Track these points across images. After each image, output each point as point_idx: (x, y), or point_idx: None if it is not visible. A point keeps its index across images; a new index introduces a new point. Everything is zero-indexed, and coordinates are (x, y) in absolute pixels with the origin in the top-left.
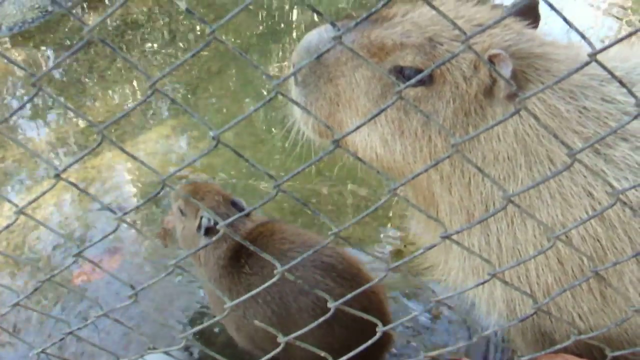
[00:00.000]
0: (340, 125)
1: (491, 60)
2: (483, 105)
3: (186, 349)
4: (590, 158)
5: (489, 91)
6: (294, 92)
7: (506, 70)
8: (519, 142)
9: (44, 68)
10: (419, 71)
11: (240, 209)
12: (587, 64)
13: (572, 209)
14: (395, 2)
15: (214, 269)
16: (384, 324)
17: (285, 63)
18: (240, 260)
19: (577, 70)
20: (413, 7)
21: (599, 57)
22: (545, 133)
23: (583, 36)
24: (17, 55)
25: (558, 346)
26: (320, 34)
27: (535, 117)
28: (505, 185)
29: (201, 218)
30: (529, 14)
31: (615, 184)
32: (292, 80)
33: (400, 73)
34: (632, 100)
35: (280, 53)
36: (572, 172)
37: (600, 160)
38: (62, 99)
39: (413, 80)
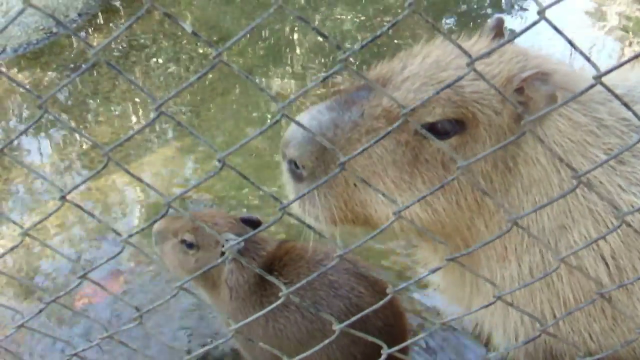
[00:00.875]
0: (364, 205)
1: (527, 83)
2: (516, 133)
3: None
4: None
5: (518, 118)
6: (295, 190)
7: (546, 87)
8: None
9: (49, 89)
10: (451, 121)
11: (253, 223)
12: (592, 86)
13: (599, 225)
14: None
15: (243, 289)
16: (404, 339)
17: (289, 82)
18: (272, 273)
19: (584, 91)
20: (395, 61)
21: None
22: (571, 147)
23: (588, 58)
24: (22, 77)
25: None
26: (317, 119)
27: (541, 140)
28: (543, 209)
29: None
30: (499, 33)
31: (632, 198)
32: (288, 180)
33: (432, 129)
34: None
35: (284, 75)
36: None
37: (616, 176)
38: (67, 120)
39: None
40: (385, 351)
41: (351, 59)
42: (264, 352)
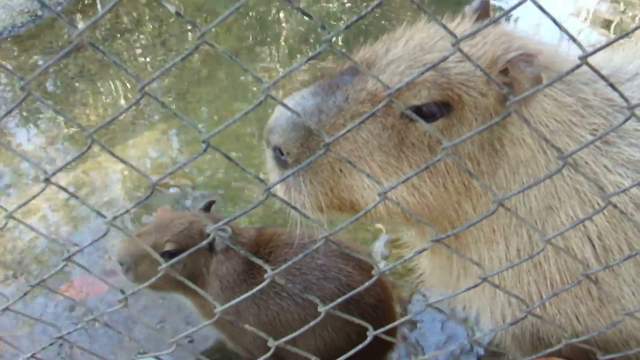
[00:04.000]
0: (350, 190)
1: (512, 64)
2: (501, 114)
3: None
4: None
5: (504, 99)
6: (278, 178)
7: (531, 69)
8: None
9: (33, 73)
10: (438, 104)
11: (209, 206)
12: (578, 66)
13: (585, 205)
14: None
15: (232, 277)
16: (393, 319)
17: (274, 65)
18: (260, 258)
19: (570, 72)
20: (378, 44)
21: None
22: (557, 128)
23: (574, 39)
24: (6, 60)
25: (550, 349)
26: (301, 104)
27: (526, 121)
28: (530, 190)
29: (207, 236)
30: (484, 14)
31: (618, 179)
32: (273, 167)
33: (417, 113)
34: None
35: (268, 57)
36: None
37: (602, 156)
38: (51, 103)
39: None
40: (370, 333)
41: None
42: (255, 341)
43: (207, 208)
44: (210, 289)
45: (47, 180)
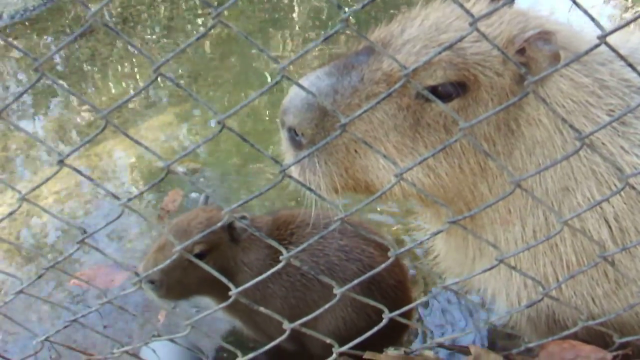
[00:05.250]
0: (365, 171)
1: (529, 43)
2: (517, 94)
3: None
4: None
5: (520, 79)
6: (294, 159)
7: (549, 46)
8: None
9: (46, 55)
10: (453, 84)
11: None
12: (597, 45)
13: (602, 187)
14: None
15: (257, 266)
16: (410, 300)
17: (287, 51)
18: (282, 242)
19: (589, 51)
20: (393, 24)
21: None
22: (573, 108)
23: (592, 18)
24: (19, 43)
25: (566, 332)
26: (316, 85)
27: (544, 101)
28: (547, 171)
29: (230, 226)
30: None
31: (635, 160)
32: (288, 148)
33: (433, 93)
34: (637, 78)
35: (280, 40)
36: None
37: (619, 137)
38: (64, 84)
39: None
40: (386, 315)
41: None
42: (280, 327)
43: (207, 203)
44: (241, 280)
45: (61, 162)
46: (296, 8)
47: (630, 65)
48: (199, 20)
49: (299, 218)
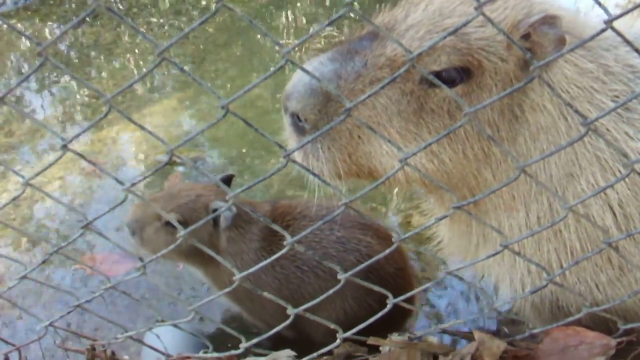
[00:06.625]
0: (368, 157)
1: (534, 27)
2: (521, 80)
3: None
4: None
5: (524, 65)
6: (297, 144)
7: (554, 30)
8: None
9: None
10: (457, 69)
11: (228, 180)
12: (603, 30)
13: (606, 173)
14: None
15: (249, 254)
16: (412, 287)
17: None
18: (277, 236)
19: (595, 36)
20: (397, 9)
21: None
22: (578, 94)
23: (598, 2)
24: (22, 28)
25: (570, 318)
26: (319, 70)
27: (549, 86)
28: (551, 157)
29: (214, 211)
30: None
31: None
32: (291, 134)
33: (437, 78)
34: None
35: (284, 25)
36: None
37: (623, 124)
38: (68, 70)
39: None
40: (390, 301)
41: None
42: (275, 314)
43: (227, 181)
44: (223, 267)
45: (64, 147)
46: None
47: (636, 50)
48: (203, 2)
49: (297, 209)
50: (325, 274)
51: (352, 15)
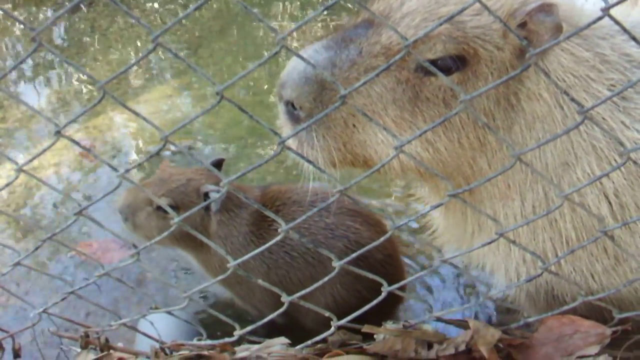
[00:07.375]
0: (363, 146)
1: (531, 15)
2: (517, 69)
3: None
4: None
5: (520, 53)
6: (291, 132)
7: (551, 18)
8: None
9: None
10: (453, 57)
11: (219, 164)
12: (600, 18)
13: (602, 162)
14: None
15: (238, 238)
16: (402, 276)
17: (284, 23)
18: (266, 221)
19: (592, 23)
20: None
21: None
22: (574, 83)
23: None
24: (17, 14)
25: (565, 307)
26: (314, 58)
27: (546, 74)
28: (546, 146)
29: (205, 195)
30: None
31: (636, 135)
32: (285, 122)
33: (434, 66)
34: (638, 53)
35: (280, 11)
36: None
37: (619, 112)
38: (62, 55)
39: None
40: (385, 288)
41: None
42: (264, 299)
43: (217, 165)
44: (214, 251)
45: (58, 133)
46: None
47: (633, 38)
48: None
49: (287, 195)
50: (314, 260)
51: (349, 5)
